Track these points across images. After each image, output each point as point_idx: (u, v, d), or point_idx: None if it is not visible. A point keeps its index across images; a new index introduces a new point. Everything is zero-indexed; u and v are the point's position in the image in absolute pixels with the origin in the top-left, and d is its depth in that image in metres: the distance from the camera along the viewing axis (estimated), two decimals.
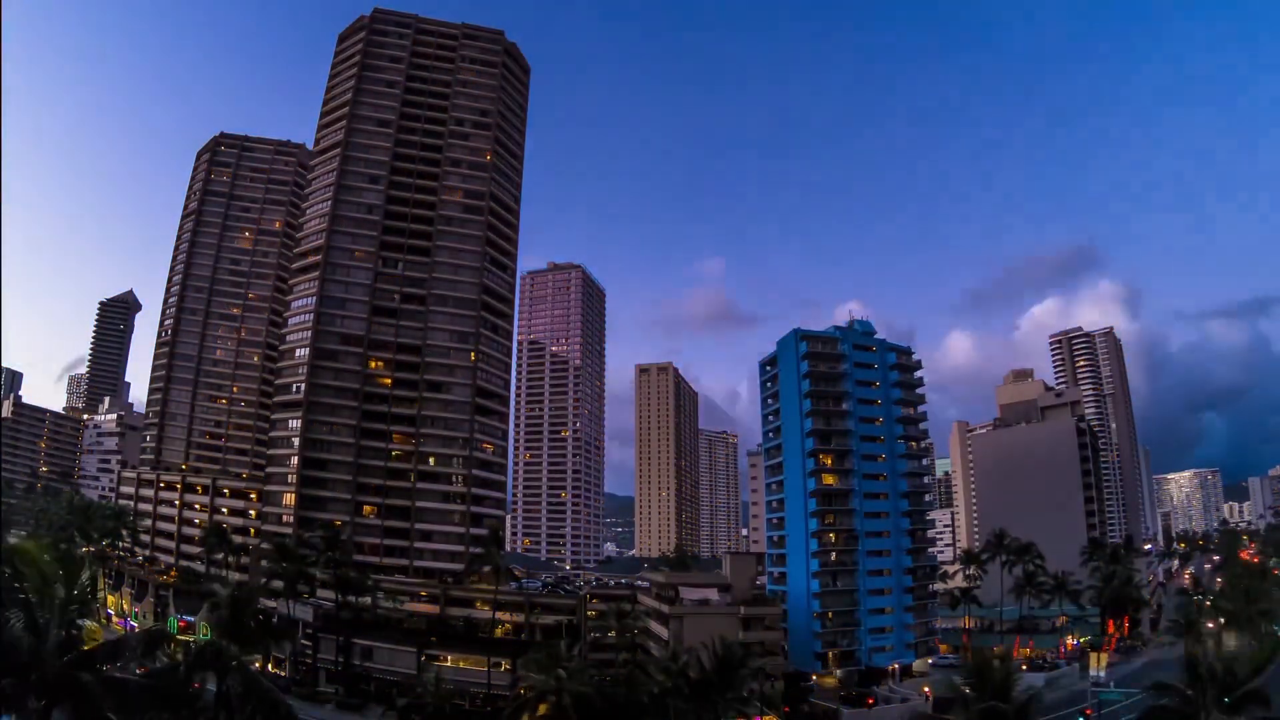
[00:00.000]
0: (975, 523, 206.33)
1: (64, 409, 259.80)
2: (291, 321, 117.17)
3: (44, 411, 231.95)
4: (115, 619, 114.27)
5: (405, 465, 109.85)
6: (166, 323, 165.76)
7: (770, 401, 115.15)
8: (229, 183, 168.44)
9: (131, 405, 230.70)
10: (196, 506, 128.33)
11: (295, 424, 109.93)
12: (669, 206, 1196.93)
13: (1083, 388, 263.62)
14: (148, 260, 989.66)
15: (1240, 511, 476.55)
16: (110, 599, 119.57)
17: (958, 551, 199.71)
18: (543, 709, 54.37)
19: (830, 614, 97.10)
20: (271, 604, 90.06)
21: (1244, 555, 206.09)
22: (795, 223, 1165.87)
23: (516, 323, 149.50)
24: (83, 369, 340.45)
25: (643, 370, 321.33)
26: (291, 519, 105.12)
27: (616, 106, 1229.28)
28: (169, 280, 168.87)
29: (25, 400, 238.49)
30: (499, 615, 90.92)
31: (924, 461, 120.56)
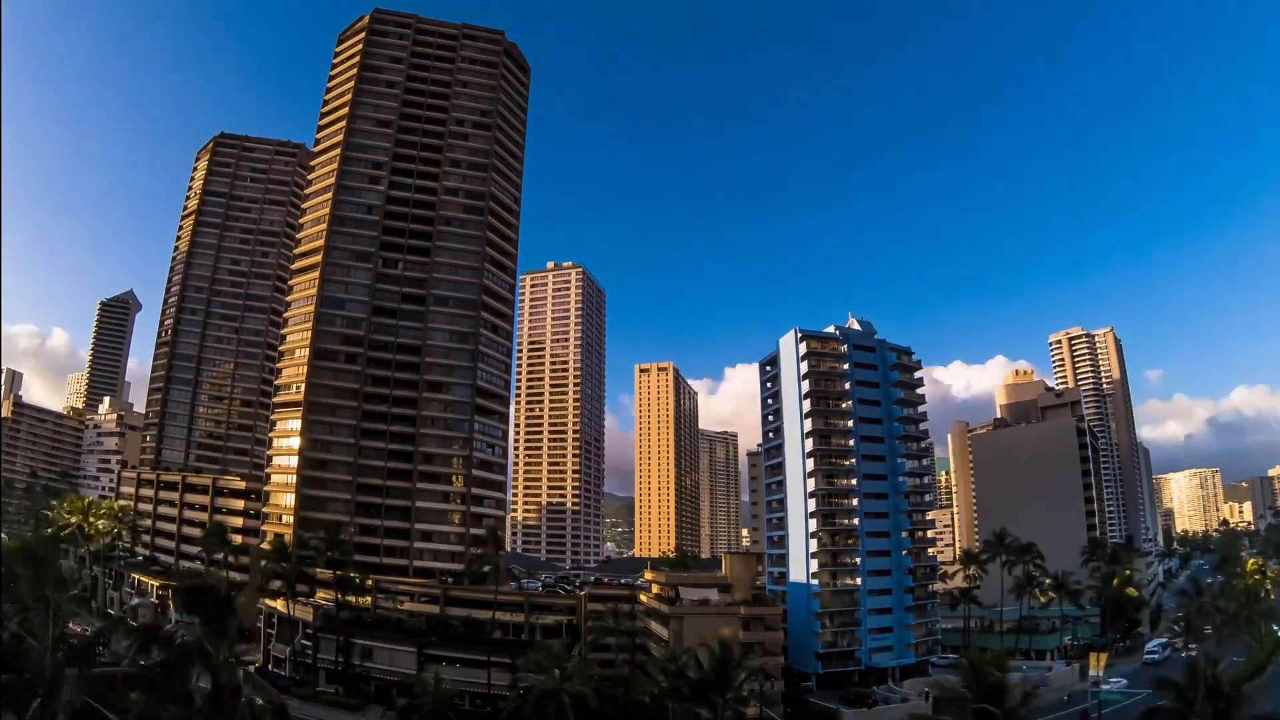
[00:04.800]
0: (975, 523, 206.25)
1: (64, 409, 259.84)
2: (291, 321, 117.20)
3: (44, 411, 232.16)
4: (114, 618, 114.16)
5: (405, 465, 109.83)
6: (166, 323, 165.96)
7: (770, 401, 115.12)
8: (229, 183, 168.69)
9: (131, 405, 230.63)
10: (196, 506, 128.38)
11: (295, 424, 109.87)
12: (671, 206, 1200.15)
13: (1083, 388, 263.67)
14: (148, 260, 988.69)
15: (1240, 512, 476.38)
16: (110, 598, 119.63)
17: (958, 551, 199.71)
18: (543, 710, 54.34)
19: (830, 614, 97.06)
20: (272, 604, 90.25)
21: (1243, 555, 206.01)
22: (799, 222, 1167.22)
23: (516, 323, 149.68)
24: (83, 369, 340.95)
25: (643, 370, 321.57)
26: (291, 519, 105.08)
27: (620, 104, 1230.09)
28: (169, 280, 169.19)
29: (25, 400, 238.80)
30: (499, 615, 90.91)
31: (924, 461, 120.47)
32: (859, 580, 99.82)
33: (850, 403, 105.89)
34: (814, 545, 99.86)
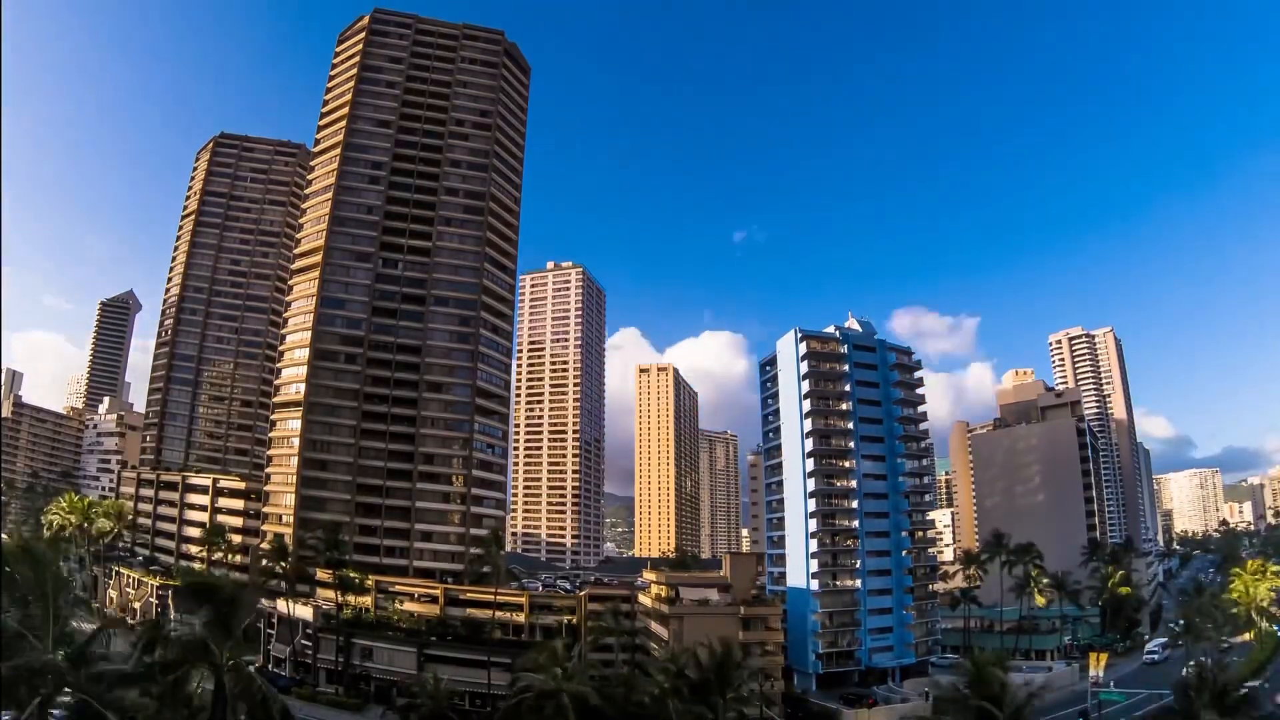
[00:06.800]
0: (975, 523, 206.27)
1: (64, 409, 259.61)
2: (291, 321, 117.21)
3: (44, 411, 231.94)
4: (114, 618, 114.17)
5: (405, 465, 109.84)
6: (166, 323, 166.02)
7: (770, 402, 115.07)
8: (229, 183, 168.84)
9: (131, 405, 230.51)
10: (196, 506, 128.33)
11: (295, 424, 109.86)
12: (672, 205, 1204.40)
13: (1083, 388, 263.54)
14: (148, 260, 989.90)
15: (1240, 512, 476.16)
16: (109, 598, 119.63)
17: (958, 551, 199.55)
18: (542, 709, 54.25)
19: (830, 614, 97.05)
20: (271, 604, 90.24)
21: (1243, 555, 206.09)
22: (802, 220, 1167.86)
23: (516, 323, 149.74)
24: (83, 369, 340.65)
25: (643, 370, 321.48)
26: (291, 519, 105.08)
27: (620, 104, 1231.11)
28: (169, 280, 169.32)
29: (25, 400, 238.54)
30: (499, 616, 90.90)
31: (924, 461, 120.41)
32: (859, 580, 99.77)
33: (850, 403, 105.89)
34: (814, 545, 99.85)
